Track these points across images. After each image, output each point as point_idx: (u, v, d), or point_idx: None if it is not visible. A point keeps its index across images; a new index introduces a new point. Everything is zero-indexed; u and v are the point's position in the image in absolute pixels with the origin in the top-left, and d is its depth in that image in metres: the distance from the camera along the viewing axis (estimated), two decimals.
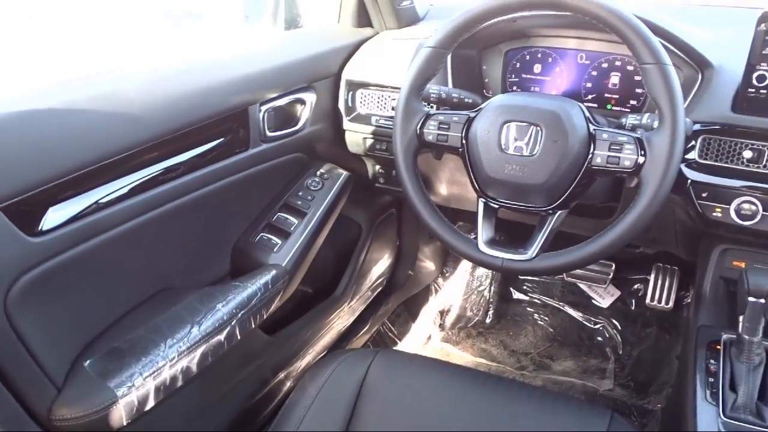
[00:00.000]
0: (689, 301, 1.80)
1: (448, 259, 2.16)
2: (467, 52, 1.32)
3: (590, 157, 0.97)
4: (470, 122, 1.06)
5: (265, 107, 1.26)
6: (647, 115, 1.01)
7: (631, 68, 1.23)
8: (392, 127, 1.11)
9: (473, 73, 1.35)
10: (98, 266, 0.99)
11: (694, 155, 1.09)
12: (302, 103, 1.36)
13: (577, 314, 2.01)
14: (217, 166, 1.17)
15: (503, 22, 1.22)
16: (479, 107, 1.07)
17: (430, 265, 2.08)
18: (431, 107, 1.17)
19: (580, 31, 1.25)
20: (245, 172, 1.24)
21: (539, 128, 0.99)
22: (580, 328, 2.00)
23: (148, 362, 0.96)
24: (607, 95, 1.26)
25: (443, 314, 2.11)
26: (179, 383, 1.01)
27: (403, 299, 2.05)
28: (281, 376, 1.52)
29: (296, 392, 1.09)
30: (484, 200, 1.08)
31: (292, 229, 1.32)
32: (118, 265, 1.03)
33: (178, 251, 1.18)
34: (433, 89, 1.15)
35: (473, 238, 1.07)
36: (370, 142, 1.44)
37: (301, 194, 1.37)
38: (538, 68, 1.31)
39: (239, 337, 1.13)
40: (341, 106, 1.44)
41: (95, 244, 0.96)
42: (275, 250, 1.28)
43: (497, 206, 1.07)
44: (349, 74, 1.43)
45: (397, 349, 1.95)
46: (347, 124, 1.44)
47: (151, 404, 0.97)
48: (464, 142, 1.06)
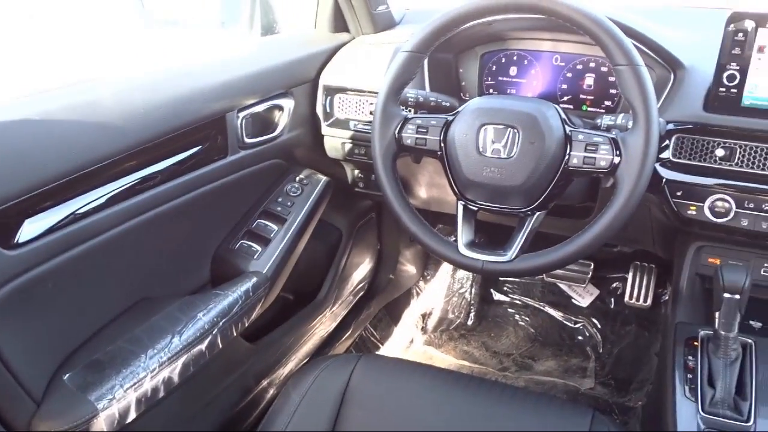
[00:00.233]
0: (667, 298, 1.83)
1: (429, 262, 2.16)
2: (444, 55, 1.32)
3: (567, 158, 0.98)
4: (448, 125, 1.06)
5: (242, 114, 1.25)
6: (622, 115, 1.02)
7: (605, 69, 1.24)
8: (371, 131, 1.11)
9: (450, 76, 1.36)
10: (76, 278, 0.98)
11: (668, 154, 1.10)
12: (280, 109, 1.36)
13: (557, 314, 2.03)
14: (195, 173, 1.16)
15: (479, 25, 1.23)
16: (457, 110, 1.07)
17: (411, 268, 2.08)
18: (409, 111, 1.18)
19: (554, 33, 1.26)
20: (224, 179, 1.24)
21: (516, 130, 1.00)
22: (560, 327, 2.01)
23: (128, 374, 0.95)
24: (582, 96, 1.28)
25: (425, 317, 2.11)
26: (161, 394, 1.00)
27: (384, 303, 2.04)
28: (264, 383, 1.51)
29: (279, 399, 1.09)
30: (463, 203, 1.08)
31: (272, 235, 1.31)
32: (96, 276, 1.02)
33: (157, 260, 1.16)
34: (410, 93, 1.15)
35: (453, 240, 1.08)
36: (348, 146, 1.44)
37: (280, 200, 1.37)
38: (514, 71, 1.32)
39: (221, 345, 1.12)
40: (319, 111, 1.44)
41: (73, 255, 0.95)
42: (256, 257, 1.28)
43: (476, 208, 1.08)
44: (326, 79, 1.42)
45: (379, 353, 1.95)
46: (326, 129, 1.44)
47: (132, 416, 0.96)
48: (442, 145, 1.06)
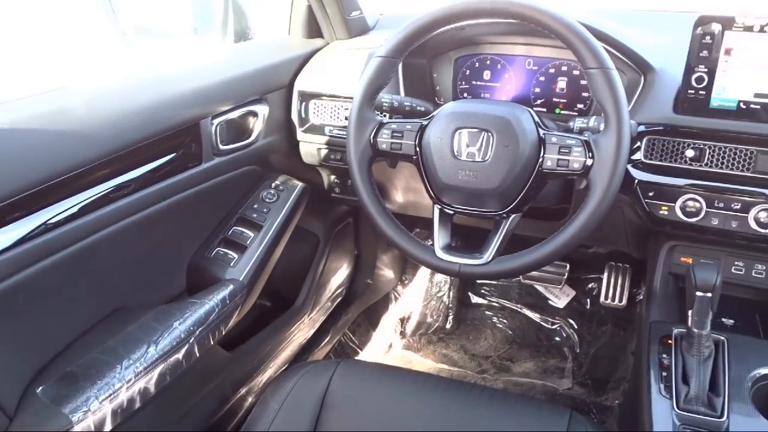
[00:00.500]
0: (641, 297, 1.85)
1: (406, 266, 2.16)
2: (418, 60, 1.33)
3: (541, 160, 0.99)
4: (423, 130, 1.07)
5: (217, 121, 1.24)
6: (594, 118, 1.04)
7: (577, 73, 1.26)
8: (346, 136, 1.11)
9: (424, 81, 1.37)
10: (49, 289, 0.96)
11: (639, 156, 1.12)
12: (255, 115, 1.35)
13: (534, 315, 2.05)
14: (169, 181, 1.15)
15: (452, 30, 1.24)
16: (431, 115, 1.08)
17: (388, 273, 2.09)
18: (384, 116, 1.18)
19: (527, 37, 1.27)
20: (199, 186, 1.23)
21: (490, 134, 1.00)
22: (537, 329, 2.03)
23: (103, 385, 0.94)
24: (555, 100, 1.29)
25: (404, 322, 2.11)
26: (137, 405, 0.99)
27: (363, 308, 2.04)
28: (242, 392, 1.49)
29: (258, 407, 1.08)
30: (439, 206, 1.09)
31: (248, 242, 1.30)
32: (69, 286, 1.00)
33: (132, 270, 1.15)
34: (385, 98, 1.15)
35: (430, 244, 1.08)
36: (324, 152, 1.44)
37: (256, 207, 1.36)
38: (487, 75, 1.33)
39: (198, 354, 1.11)
40: (294, 117, 1.43)
41: (45, 266, 0.93)
42: (232, 264, 1.27)
43: (452, 212, 1.08)
44: (301, 85, 1.42)
45: (358, 358, 1.95)
46: (301, 135, 1.44)
47: (108, 428, 0.94)
48: (418, 149, 1.07)
